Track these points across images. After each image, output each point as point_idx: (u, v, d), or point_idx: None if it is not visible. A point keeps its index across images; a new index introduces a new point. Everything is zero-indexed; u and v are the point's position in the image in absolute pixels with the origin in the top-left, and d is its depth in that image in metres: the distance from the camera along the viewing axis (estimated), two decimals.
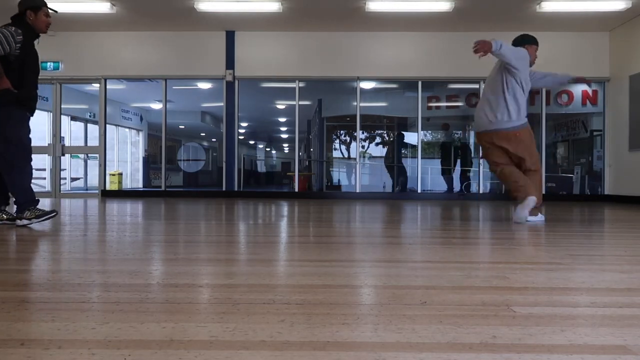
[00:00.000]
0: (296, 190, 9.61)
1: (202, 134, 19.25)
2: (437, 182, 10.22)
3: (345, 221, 3.98)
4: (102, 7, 7.69)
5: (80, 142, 12.92)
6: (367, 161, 12.43)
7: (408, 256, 2.16)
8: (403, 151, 11.54)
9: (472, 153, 10.61)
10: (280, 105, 14.29)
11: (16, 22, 3.47)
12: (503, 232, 3.22)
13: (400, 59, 8.91)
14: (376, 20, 8.27)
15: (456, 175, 10.17)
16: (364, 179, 11.50)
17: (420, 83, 9.06)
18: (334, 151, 13.70)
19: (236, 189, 9.11)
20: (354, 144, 10.56)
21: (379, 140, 12.84)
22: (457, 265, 1.93)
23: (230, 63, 8.90)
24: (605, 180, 8.89)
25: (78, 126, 13.02)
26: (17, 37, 3.34)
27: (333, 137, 13.49)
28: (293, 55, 8.98)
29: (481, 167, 9.32)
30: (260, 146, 26.06)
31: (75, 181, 13.32)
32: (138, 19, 8.34)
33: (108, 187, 10.13)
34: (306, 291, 1.48)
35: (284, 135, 22.12)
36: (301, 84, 9.23)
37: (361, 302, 1.37)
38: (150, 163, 14.53)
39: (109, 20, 8.35)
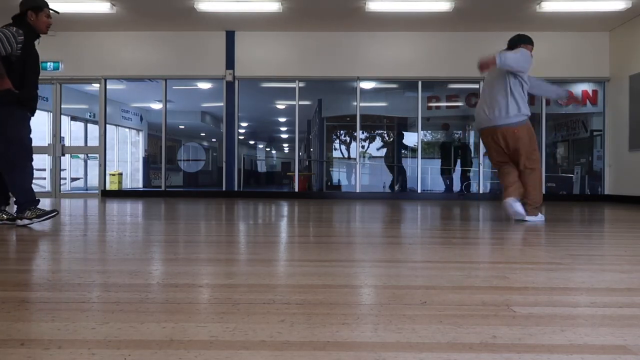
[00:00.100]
0: (296, 190, 9.61)
1: (202, 134, 19.25)
2: (437, 182, 10.22)
3: (345, 221, 3.98)
4: (102, 7, 7.69)
5: (80, 142, 12.92)
6: (367, 161, 12.42)
7: (408, 256, 2.16)
8: (403, 151, 11.55)
9: (472, 153, 10.61)
10: (280, 105, 14.29)
11: (17, 23, 3.46)
12: (503, 232, 3.22)
13: (400, 59, 8.91)
14: (376, 20, 8.27)
15: (456, 175, 10.17)
16: (364, 179, 11.49)
17: (420, 83, 9.06)
18: (334, 151, 13.70)
19: (236, 189, 9.11)
20: (354, 144, 10.55)
21: (379, 140, 12.82)
22: (457, 265, 1.93)
23: (230, 63, 8.90)
24: (605, 180, 8.89)
25: (78, 126, 13.02)
26: (18, 38, 3.33)
27: (333, 137, 13.48)
28: (293, 55, 8.98)
29: (481, 167, 9.32)
30: (261, 146, 26.05)
31: (75, 181, 13.32)
32: (138, 19, 8.34)
33: (108, 187, 10.13)
34: (306, 291, 1.48)
35: (284, 135, 22.11)
36: (301, 84, 9.23)
37: (361, 302, 1.37)
38: (150, 163, 14.53)
39: (109, 20, 8.36)
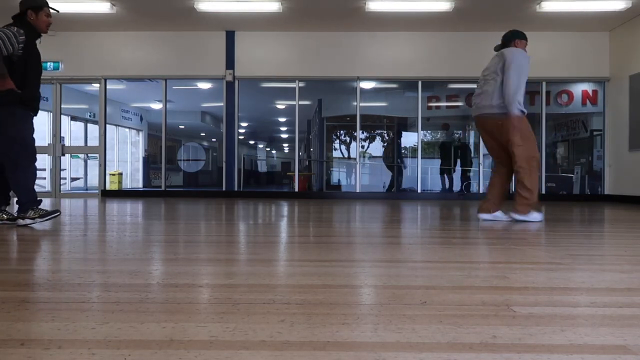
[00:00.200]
0: (296, 190, 9.61)
1: (202, 134, 19.25)
2: (437, 182, 10.22)
3: (345, 221, 3.98)
4: (102, 7, 7.69)
5: (80, 142, 12.92)
6: (367, 161, 12.42)
7: (408, 256, 2.16)
8: (403, 151, 11.54)
9: (472, 153, 10.61)
10: (280, 105, 14.29)
11: (17, 22, 3.45)
12: (503, 232, 3.21)
13: (400, 59, 8.91)
14: (376, 20, 8.27)
15: (456, 175, 10.17)
16: (364, 178, 11.49)
17: (420, 83, 9.06)
18: (334, 151, 13.69)
19: (236, 189, 9.11)
20: (354, 144, 10.55)
21: (379, 140, 12.82)
22: (457, 265, 1.93)
23: (230, 63, 8.90)
24: (605, 180, 8.89)
25: (78, 126, 13.02)
26: (19, 38, 3.32)
27: (333, 137, 13.48)
28: (293, 55, 8.98)
29: (481, 167, 9.32)
30: (261, 146, 26.05)
31: (75, 181, 13.32)
32: (138, 19, 8.34)
33: (108, 187, 10.13)
34: (306, 291, 1.48)
35: (284, 135, 22.11)
36: (301, 84, 9.23)
37: (361, 302, 1.36)
38: (150, 163, 14.54)
39: (109, 20, 8.36)
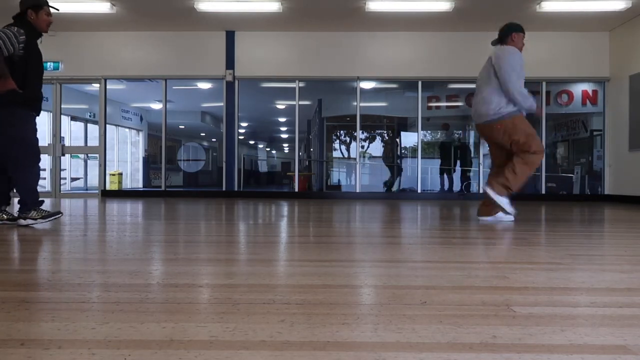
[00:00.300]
0: (296, 190, 9.61)
1: (202, 134, 19.25)
2: (437, 182, 10.22)
3: (345, 221, 3.98)
4: (102, 7, 7.69)
5: (80, 142, 12.92)
6: (367, 161, 12.42)
7: (408, 256, 2.16)
8: (403, 151, 11.54)
9: (472, 153, 10.61)
10: (280, 105, 14.29)
11: (18, 22, 3.44)
12: (503, 232, 3.21)
13: (400, 59, 8.91)
14: (376, 20, 8.26)
15: (456, 175, 10.17)
16: (364, 178, 11.50)
17: (420, 83, 9.06)
18: (334, 151, 13.69)
19: (236, 189, 9.10)
20: (354, 144, 10.55)
21: (379, 140, 12.82)
22: (457, 265, 1.93)
23: (230, 63, 8.90)
24: (605, 180, 8.89)
25: (78, 126, 13.02)
26: (19, 37, 3.30)
27: (333, 137, 13.48)
28: (293, 55, 8.98)
29: (481, 167, 9.32)
30: (261, 146, 26.05)
31: (75, 181, 13.32)
32: (138, 19, 8.34)
33: (108, 187, 10.13)
34: (306, 291, 1.48)
35: (284, 135, 22.11)
36: (301, 84, 9.23)
37: (361, 302, 1.36)
38: (150, 163, 14.54)
39: (109, 20, 8.36)
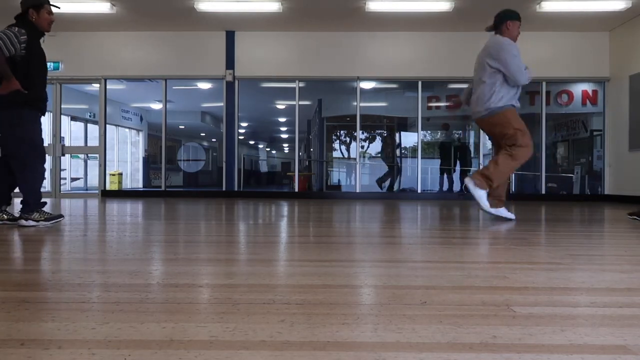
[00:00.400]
0: (296, 190, 9.61)
1: (202, 134, 19.25)
2: (437, 182, 10.22)
3: (345, 221, 3.98)
4: (102, 7, 7.70)
5: (80, 142, 12.92)
6: (367, 161, 12.42)
7: (408, 256, 2.16)
8: (403, 151, 11.53)
9: (472, 153, 10.60)
10: (280, 105, 14.29)
11: (19, 22, 3.43)
12: (503, 232, 3.21)
13: (400, 59, 8.91)
14: (376, 20, 8.27)
15: (456, 175, 10.17)
16: (364, 178, 11.50)
17: (420, 83, 9.06)
18: (333, 151, 13.69)
19: (236, 189, 9.10)
20: (354, 144, 10.55)
21: (379, 140, 12.82)
22: (457, 265, 1.93)
23: (230, 63, 8.90)
24: (605, 180, 8.89)
25: (78, 126, 13.02)
26: (21, 37, 3.29)
27: (333, 137, 13.48)
28: (293, 55, 8.98)
29: (481, 167, 9.31)
30: (261, 146, 26.05)
31: (75, 181, 13.32)
32: (138, 19, 8.34)
33: (108, 187, 10.13)
34: (306, 291, 1.48)
35: (284, 135, 22.11)
36: (301, 84, 9.23)
37: (361, 302, 1.36)
38: (150, 163, 14.53)
39: (109, 20, 8.36)
